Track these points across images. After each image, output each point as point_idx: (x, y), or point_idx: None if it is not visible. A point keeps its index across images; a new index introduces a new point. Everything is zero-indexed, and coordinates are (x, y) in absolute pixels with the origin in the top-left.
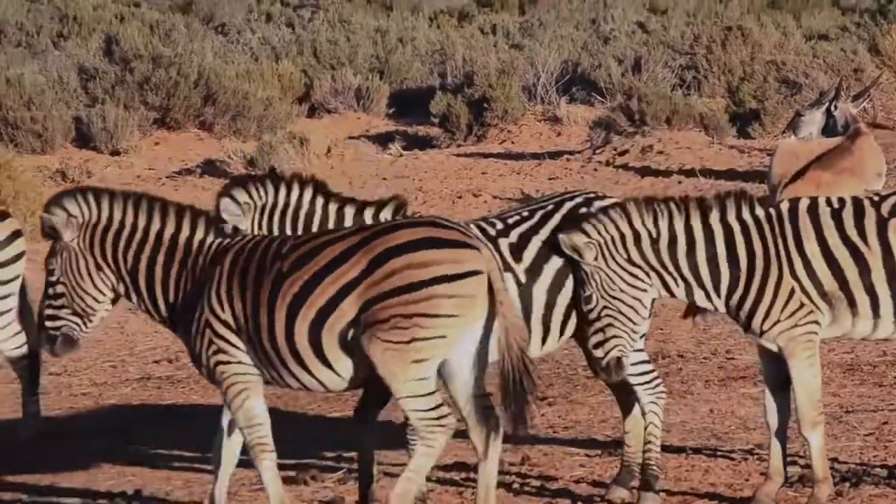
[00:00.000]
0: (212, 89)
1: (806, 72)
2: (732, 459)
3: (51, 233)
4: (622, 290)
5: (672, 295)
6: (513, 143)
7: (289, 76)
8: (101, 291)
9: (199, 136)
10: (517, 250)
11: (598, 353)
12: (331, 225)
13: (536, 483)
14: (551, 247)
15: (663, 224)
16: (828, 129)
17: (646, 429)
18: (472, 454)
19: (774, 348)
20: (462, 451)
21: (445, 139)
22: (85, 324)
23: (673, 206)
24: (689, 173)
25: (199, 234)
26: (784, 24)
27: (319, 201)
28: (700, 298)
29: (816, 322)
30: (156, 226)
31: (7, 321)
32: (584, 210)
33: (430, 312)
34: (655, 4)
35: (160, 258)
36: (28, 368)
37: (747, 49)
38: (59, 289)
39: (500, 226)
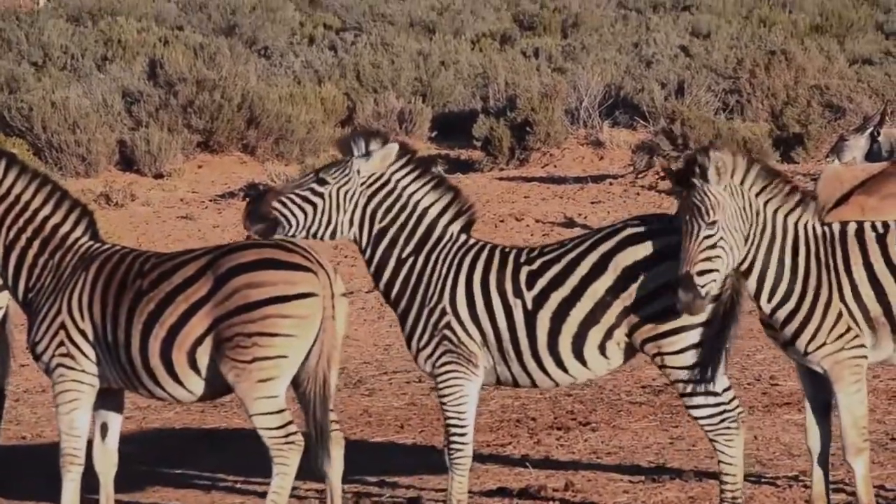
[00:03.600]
0: (255, 112)
1: (850, 96)
2: (777, 486)
3: None
4: (737, 231)
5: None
6: (555, 166)
7: (332, 99)
8: None
9: (243, 159)
10: (532, 277)
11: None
12: None
13: None
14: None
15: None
16: (872, 154)
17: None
18: (515, 480)
19: (819, 370)
20: (504, 475)
21: (488, 163)
22: None
23: (781, 188)
24: None
25: (77, 233)
26: (828, 48)
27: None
28: (757, 293)
29: (863, 346)
30: (45, 211)
31: None
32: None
33: (268, 331)
34: (698, 28)
35: (35, 243)
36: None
37: (791, 73)
38: None
39: (533, 254)
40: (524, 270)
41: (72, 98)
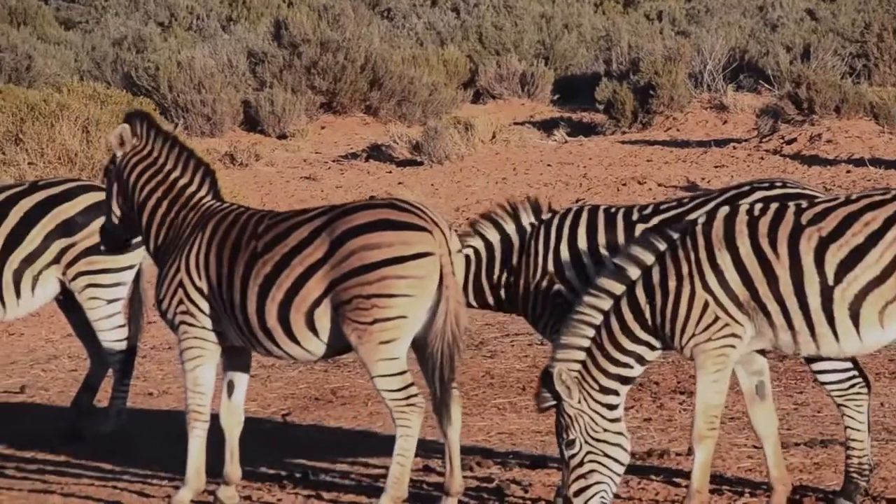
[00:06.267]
0: (378, 74)
1: None
2: None
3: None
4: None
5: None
6: (678, 130)
7: (454, 62)
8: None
9: (365, 120)
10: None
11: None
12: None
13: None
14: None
15: None
16: None
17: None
18: (637, 443)
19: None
20: None
21: (610, 126)
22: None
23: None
24: (859, 163)
25: (201, 192)
26: None
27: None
28: None
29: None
30: (175, 172)
31: (114, 310)
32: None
33: (386, 292)
34: None
35: (165, 202)
36: (123, 362)
37: None
38: None
39: (647, 211)
40: (638, 229)
41: (197, 58)
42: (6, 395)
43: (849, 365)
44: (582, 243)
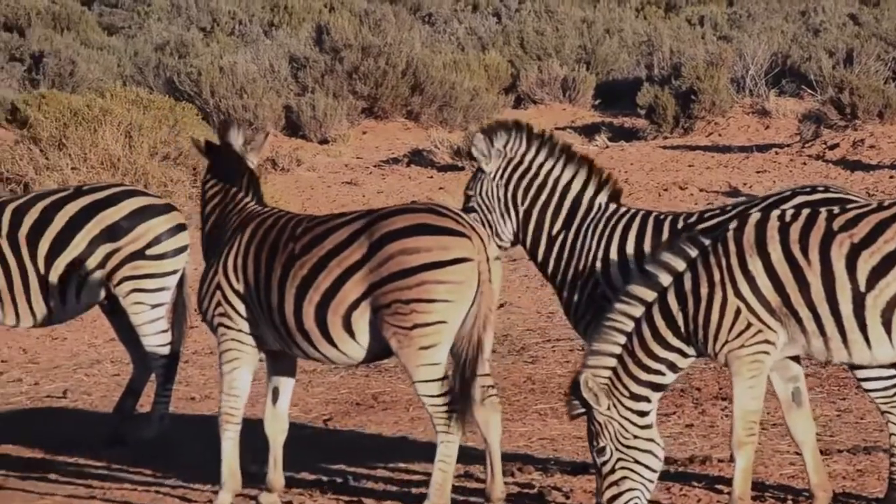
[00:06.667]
0: (419, 79)
1: None
2: None
3: None
4: None
5: None
6: (720, 135)
7: (495, 66)
8: None
9: (406, 125)
10: None
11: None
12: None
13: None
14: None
15: None
16: None
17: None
18: (679, 449)
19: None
20: (669, 445)
21: (652, 131)
22: None
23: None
24: None
25: (242, 195)
26: None
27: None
28: None
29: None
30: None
31: (158, 315)
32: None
33: (425, 297)
34: None
35: (218, 209)
36: (166, 367)
37: None
38: None
39: (692, 219)
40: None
41: (239, 63)
42: (49, 400)
43: (893, 371)
44: (630, 248)
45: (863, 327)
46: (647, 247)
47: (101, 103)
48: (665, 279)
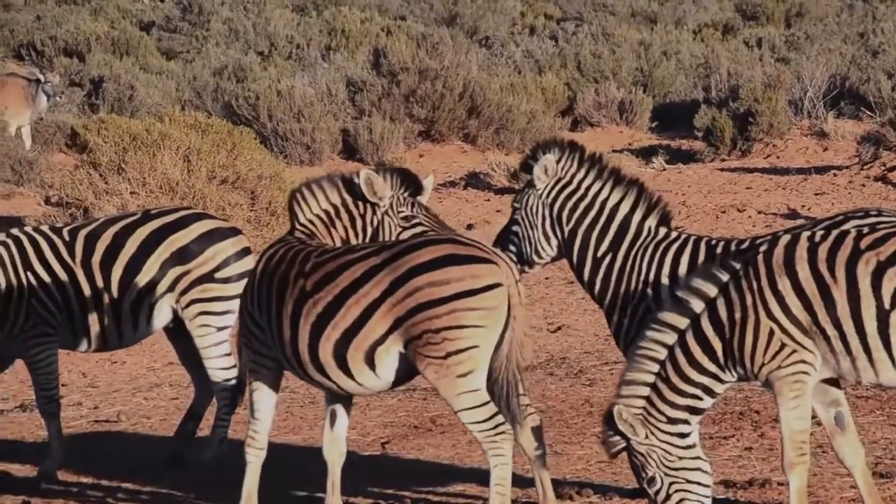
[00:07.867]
0: (476, 102)
1: None
2: None
3: None
4: None
5: None
6: (778, 157)
7: (552, 89)
8: None
9: (463, 148)
10: None
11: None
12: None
13: None
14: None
15: None
16: None
17: None
18: (738, 472)
19: None
20: (728, 468)
21: (709, 153)
22: None
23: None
24: None
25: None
26: None
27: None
28: None
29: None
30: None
31: (223, 338)
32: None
33: (455, 325)
34: None
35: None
36: (229, 391)
37: None
38: None
39: (744, 245)
40: None
41: (297, 87)
42: (108, 424)
43: None
44: (683, 273)
45: (887, 345)
46: None
47: (160, 128)
48: (697, 305)
